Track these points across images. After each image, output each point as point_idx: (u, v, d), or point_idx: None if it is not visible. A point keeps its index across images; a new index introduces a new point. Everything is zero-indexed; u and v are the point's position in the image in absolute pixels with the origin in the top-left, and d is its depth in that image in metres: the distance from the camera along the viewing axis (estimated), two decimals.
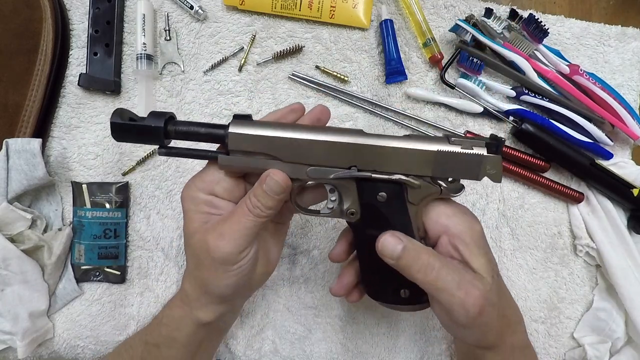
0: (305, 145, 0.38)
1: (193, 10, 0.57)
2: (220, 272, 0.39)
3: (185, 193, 0.41)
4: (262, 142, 0.38)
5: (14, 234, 0.51)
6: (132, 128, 0.37)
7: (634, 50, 0.61)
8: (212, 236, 0.38)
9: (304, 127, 0.39)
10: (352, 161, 0.38)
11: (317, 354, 0.56)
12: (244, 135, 0.38)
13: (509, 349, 0.41)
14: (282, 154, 0.38)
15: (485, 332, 0.39)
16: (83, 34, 0.56)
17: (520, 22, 0.56)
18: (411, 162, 0.38)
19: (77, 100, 0.56)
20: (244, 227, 0.38)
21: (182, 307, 0.43)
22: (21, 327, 0.50)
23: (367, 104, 0.59)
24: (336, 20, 0.58)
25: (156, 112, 0.38)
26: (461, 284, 0.36)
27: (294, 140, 0.38)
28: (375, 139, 0.38)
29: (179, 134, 0.38)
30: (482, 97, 0.58)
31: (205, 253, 0.38)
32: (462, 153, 0.38)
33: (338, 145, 0.38)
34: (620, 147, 0.61)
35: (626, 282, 0.55)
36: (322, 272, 0.57)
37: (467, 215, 0.40)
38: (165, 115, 0.38)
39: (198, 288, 0.41)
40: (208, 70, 0.58)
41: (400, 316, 0.57)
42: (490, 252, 0.40)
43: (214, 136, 0.39)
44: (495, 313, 0.38)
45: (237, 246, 0.38)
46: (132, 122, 0.38)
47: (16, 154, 0.50)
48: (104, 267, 0.55)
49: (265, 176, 0.38)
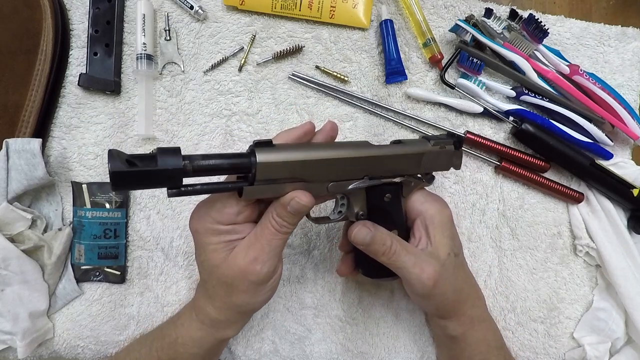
0: (329, 164, 0.40)
1: (193, 10, 0.57)
2: (257, 293, 0.41)
3: (199, 226, 0.40)
4: (290, 168, 0.37)
5: (14, 234, 0.51)
6: (143, 175, 0.30)
7: (634, 50, 0.61)
8: (244, 262, 0.39)
9: (324, 147, 0.41)
10: (365, 171, 0.42)
11: (316, 354, 0.56)
12: (273, 163, 0.36)
13: (468, 320, 0.48)
14: (308, 175, 0.39)
15: (442, 302, 0.46)
16: (83, 34, 0.56)
17: (520, 22, 0.56)
18: (409, 164, 0.45)
19: (77, 100, 0.56)
20: (275, 247, 0.40)
21: (203, 329, 0.44)
22: (21, 327, 0.50)
23: (367, 104, 0.59)
24: (336, 20, 0.58)
25: (164, 149, 0.32)
26: (416, 263, 0.43)
27: (319, 161, 0.39)
28: (380, 149, 0.43)
29: (198, 171, 0.33)
30: (482, 97, 0.58)
31: (241, 279, 0.40)
32: (440, 152, 0.46)
33: (356, 160, 0.41)
34: (620, 147, 0.61)
35: (626, 282, 0.55)
36: (322, 272, 0.57)
37: (437, 203, 0.47)
38: (176, 151, 0.32)
39: (229, 311, 0.43)
40: (208, 70, 0.58)
41: (400, 316, 0.57)
42: (455, 234, 0.48)
43: (238, 168, 0.36)
44: (450, 286, 0.45)
45: (272, 266, 0.40)
46: (143, 169, 0.30)
47: (16, 154, 0.50)
48: (104, 267, 0.55)
49: (290, 199, 0.38)
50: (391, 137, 0.59)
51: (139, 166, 0.30)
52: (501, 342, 0.51)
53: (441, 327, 0.49)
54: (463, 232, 0.58)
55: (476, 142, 0.57)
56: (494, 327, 0.51)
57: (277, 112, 0.58)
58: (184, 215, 0.56)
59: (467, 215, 0.59)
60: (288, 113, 0.58)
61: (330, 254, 0.57)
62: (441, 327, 0.49)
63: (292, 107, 0.58)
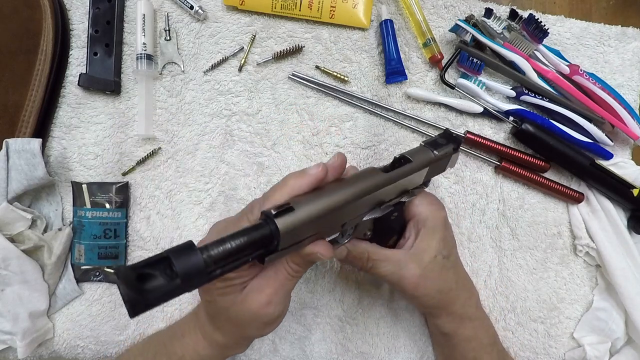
0: (345, 208, 0.37)
1: (193, 10, 0.57)
2: (268, 328, 0.42)
3: None
4: (309, 226, 0.35)
5: (14, 234, 0.51)
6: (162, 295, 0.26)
7: (634, 50, 0.61)
8: (257, 306, 0.38)
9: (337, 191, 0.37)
10: (376, 202, 0.41)
11: (316, 354, 0.56)
12: (295, 228, 0.33)
13: (458, 318, 0.49)
14: (325, 226, 0.37)
15: (426, 301, 0.47)
16: (83, 34, 0.56)
17: (520, 22, 0.56)
18: (415, 180, 0.44)
19: (77, 100, 0.56)
20: (287, 290, 0.40)
21: (211, 349, 0.44)
22: (21, 327, 0.50)
23: (367, 104, 0.59)
24: (336, 20, 0.58)
25: (175, 250, 0.27)
26: (394, 271, 0.44)
27: (335, 209, 0.36)
28: (390, 176, 0.41)
29: (218, 262, 0.29)
30: (482, 97, 0.58)
31: (253, 320, 0.40)
32: (441, 159, 0.45)
33: (371, 197, 0.39)
34: (620, 147, 0.61)
35: (626, 282, 0.55)
36: (322, 272, 0.57)
37: (432, 205, 0.48)
38: (191, 246, 0.27)
39: (239, 338, 0.44)
40: (208, 70, 0.58)
41: (400, 316, 0.57)
42: (447, 235, 0.48)
43: (260, 242, 0.32)
44: (434, 288, 0.46)
45: (284, 307, 0.41)
46: (162, 289, 0.26)
47: (16, 154, 0.50)
48: (104, 267, 0.55)
49: (311, 252, 0.37)
50: (391, 136, 0.59)
51: (154, 287, 0.26)
52: (494, 339, 0.51)
53: (434, 325, 0.51)
54: (463, 232, 0.58)
55: (476, 142, 0.57)
56: (487, 324, 0.52)
57: (277, 112, 0.58)
58: (184, 215, 0.56)
59: (467, 215, 0.59)
60: (288, 113, 0.58)
61: None
62: (434, 324, 0.51)
63: (292, 107, 0.58)
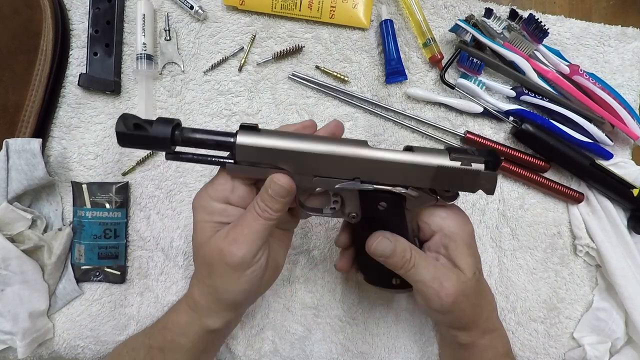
0: (310, 158, 0.38)
1: (193, 10, 0.57)
2: (234, 278, 0.39)
3: (197, 203, 0.41)
4: (268, 154, 0.38)
5: (14, 234, 0.51)
6: (138, 138, 0.37)
7: (634, 50, 0.61)
8: (224, 243, 0.39)
9: (309, 138, 0.39)
10: (355, 173, 0.39)
11: (317, 354, 0.56)
12: (251, 147, 0.38)
13: (480, 331, 0.46)
14: (287, 165, 0.39)
15: (458, 317, 0.44)
16: (83, 34, 0.56)
17: (520, 22, 0.56)
18: (412, 176, 0.40)
19: (77, 100, 0.56)
20: (255, 231, 0.39)
21: (189, 314, 0.43)
22: (21, 327, 0.50)
23: (367, 104, 0.59)
24: (336, 20, 0.58)
25: (163, 119, 0.37)
26: (435, 278, 0.41)
27: (299, 153, 0.38)
28: (378, 152, 0.39)
29: (186, 142, 0.38)
30: (482, 97, 0.58)
31: (218, 260, 0.39)
32: (461, 169, 0.39)
33: (342, 159, 0.38)
34: (620, 147, 0.61)
35: (626, 282, 0.55)
36: (322, 272, 0.57)
37: (459, 217, 0.44)
38: (172, 122, 0.37)
39: (209, 296, 0.41)
40: (208, 70, 0.58)
41: (400, 316, 0.57)
42: (476, 250, 0.45)
43: (222, 145, 0.38)
44: (470, 303, 0.43)
45: (250, 250, 0.39)
46: (138, 133, 0.37)
47: (16, 154, 0.50)
48: (104, 267, 0.55)
49: (270, 181, 0.39)
50: (391, 136, 0.59)
51: (136, 131, 0.36)
52: (508, 348, 0.50)
53: (451, 336, 0.47)
54: None
55: (476, 142, 0.57)
56: (503, 334, 0.50)
57: (277, 112, 0.58)
58: (184, 215, 0.56)
59: (467, 215, 0.59)
60: (288, 113, 0.58)
61: (330, 253, 0.57)
62: (451, 335, 0.47)
63: (292, 107, 0.58)
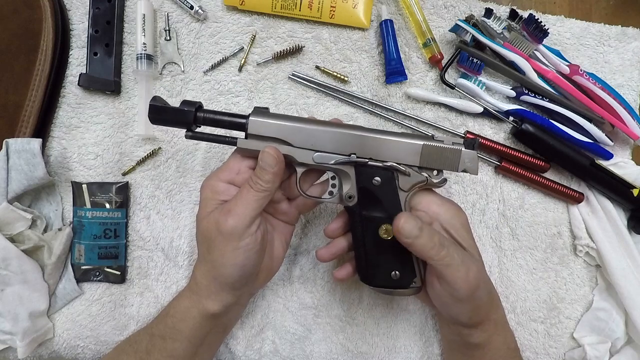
0: (313, 134, 0.44)
1: (193, 10, 0.57)
2: (229, 250, 0.42)
3: (205, 182, 0.45)
4: (276, 129, 0.44)
5: (14, 234, 0.51)
6: (167, 111, 0.43)
7: (634, 50, 0.61)
8: (220, 214, 0.42)
9: (313, 120, 0.45)
10: (352, 149, 0.44)
11: (317, 354, 0.56)
12: (262, 122, 0.44)
13: (493, 325, 0.46)
14: (293, 139, 0.44)
15: (477, 306, 0.43)
16: (83, 34, 0.56)
17: (520, 22, 0.56)
18: (402, 153, 0.44)
19: (77, 100, 0.56)
20: (247, 202, 0.42)
21: (190, 298, 0.45)
22: (21, 327, 0.50)
23: (367, 104, 0.59)
24: (336, 20, 0.58)
25: (188, 101, 0.44)
26: (464, 261, 0.41)
27: (304, 128, 0.44)
28: (372, 132, 0.45)
29: (207, 121, 0.44)
30: (482, 97, 0.58)
31: (215, 231, 0.42)
32: (444, 147, 0.44)
33: (341, 135, 0.44)
34: (620, 147, 0.61)
35: (626, 282, 0.55)
36: (322, 272, 0.57)
37: (454, 205, 0.46)
38: (195, 103, 0.44)
39: (208, 273, 0.44)
40: (208, 70, 0.58)
41: (400, 316, 0.57)
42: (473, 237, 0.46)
43: (237, 124, 0.44)
44: (486, 289, 0.43)
45: (242, 220, 0.41)
46: (168, 106, 0.43)
47: (16, 154, 0.50)
48: (104, 267, 0.55)
49: (261, 154, 0.42)
50: None
51: (166, 105, 0.44)
52: (516, 343, 0.50)
53: (463, 335, 0.46)
54: None
55: None
56: (510, 328, 0.50)
57: (277, 112, 0.58)
58: (184, 215, 0.56)
59: (467, 215, 0.58)
60: (288, 113, 0.58)
61: None
62: (463, 335, 0.46)
63: (292, 107, 0.58)
